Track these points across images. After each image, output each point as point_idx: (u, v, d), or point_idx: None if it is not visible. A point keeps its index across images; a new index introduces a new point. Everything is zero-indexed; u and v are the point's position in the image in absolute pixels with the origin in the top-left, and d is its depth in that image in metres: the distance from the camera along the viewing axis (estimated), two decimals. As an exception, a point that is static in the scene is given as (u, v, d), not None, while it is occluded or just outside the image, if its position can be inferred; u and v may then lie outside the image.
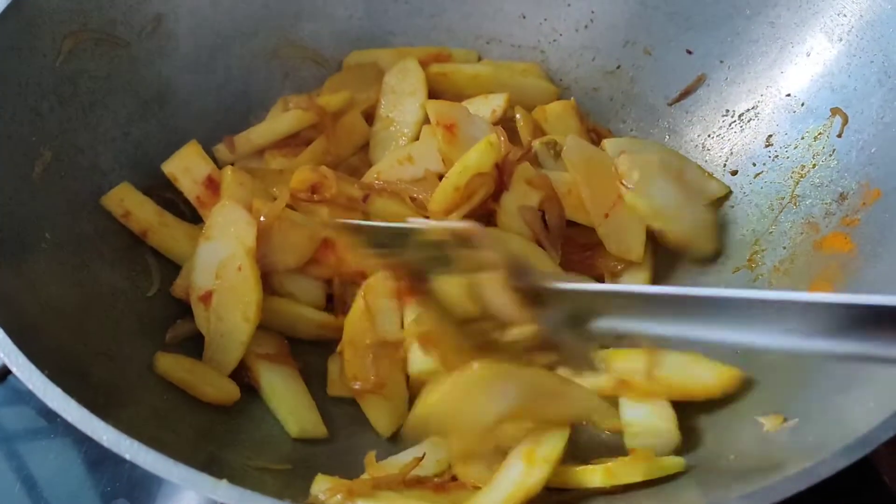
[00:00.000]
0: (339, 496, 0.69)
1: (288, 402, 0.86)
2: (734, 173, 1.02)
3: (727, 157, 1.03)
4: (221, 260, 0.87)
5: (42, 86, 0.88)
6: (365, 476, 0.78)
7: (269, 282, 0.90)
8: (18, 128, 0.84)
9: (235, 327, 0.85)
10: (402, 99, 1.08)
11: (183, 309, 0.91)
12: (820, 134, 0.94)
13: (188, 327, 0.90)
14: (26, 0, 0.86)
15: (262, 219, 0.90)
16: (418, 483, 0.76)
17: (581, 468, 0.75)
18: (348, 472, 0.78)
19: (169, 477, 0.55)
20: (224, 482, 0.55)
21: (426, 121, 1.04)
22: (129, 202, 0.93)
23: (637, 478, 0.73)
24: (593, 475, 0.74)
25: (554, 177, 0.97)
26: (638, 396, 0.84)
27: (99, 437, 0.56)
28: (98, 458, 0.94)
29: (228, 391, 0.86)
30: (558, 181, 0.96)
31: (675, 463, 0.76)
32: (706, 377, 0.83)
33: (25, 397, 1.01)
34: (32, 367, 0.59)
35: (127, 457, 0.55)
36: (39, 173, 0.85)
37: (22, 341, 0.62)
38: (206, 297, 0.87)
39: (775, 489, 0.60)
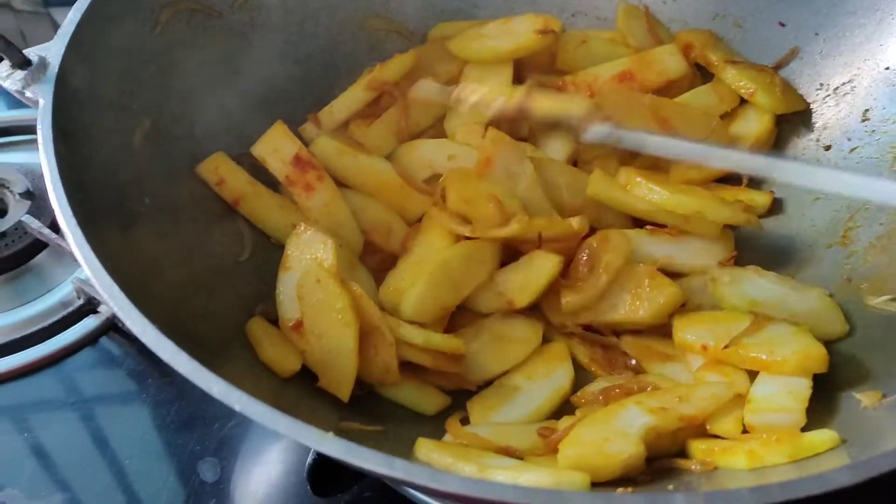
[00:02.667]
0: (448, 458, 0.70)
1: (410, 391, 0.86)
2: (827, 148, 0.99)
3: (821, 132, 1.00)
4: (297, 282, 0.85)
5: (142, 54, 0.90)
6: (448, 438, 0.80)
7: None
8: (121, 95, 0.87)
9: (338, 337, 0.81)
10: (486, 76, 1.06)
11: (275, 278, 0.91)
12: (921, 108, 0.91)
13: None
14: (126, -29, 0.88)
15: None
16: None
17: (721, 448, 0.73)
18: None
19: (276, 428, 0.56)
20: (331, 434, 0.56)
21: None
22: (223, 170, 0.95)
23: (783, 459, 0.69)
24: (736, 458, 0.71)
25: None
26: (710, 366, 0.84)
27: (209, 388, 0.58)
28: (187, 419, 0.97)
29: (285, 361, 0.83)
30: None
31: (827, 439, 0.70)
32: (786, 354, 0.79)
33: (117, 360, 1.04)
34: (146, 320, 0.61)
35: (237, 408, 0.57)
36: (139, 140, 0.88)
37: (132, 297, 0.64)
38: (298, 325, 0.85)
39: (877, 462, 0.58)
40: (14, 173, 1.18)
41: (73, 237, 0.66)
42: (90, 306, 1.07)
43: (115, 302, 0.62)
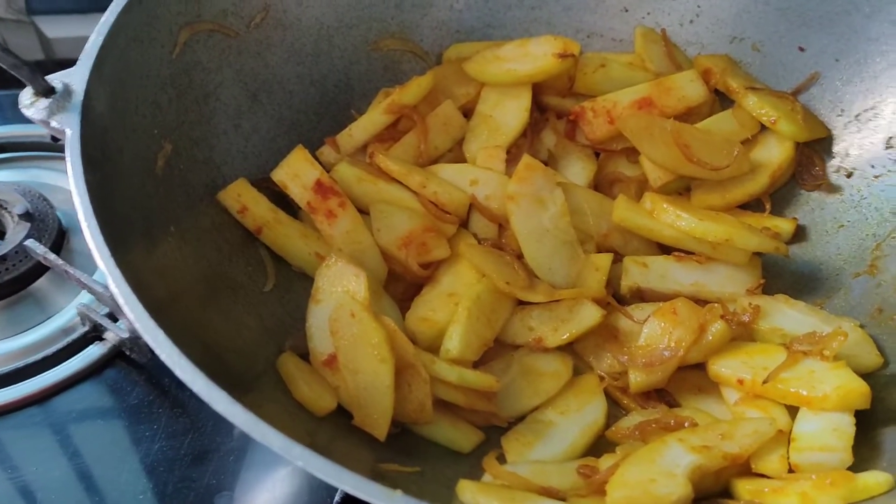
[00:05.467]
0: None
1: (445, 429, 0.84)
2: (849, 175, 0.99)
3: (843, 159, 1.00)
4: (330, 316, 0.82)
5: (161, 77, 0.87)
6: (488, 478, 0.77)
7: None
8: (142, 120, 0.84)
9: (374, 373, 0.78)
10: (505, 100, 1.05)
11: (300, 309, 0.89)
12: (946, 137, 0.92)
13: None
14: (148, -10, 0.85)
15: None
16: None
17: (771, 490, 0.72)
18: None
19: (339, 484, 0.54)
20: (399, 492, 0.54)
21: (527, 124, 1.03)
22: (245, 198, 0.92)
23: (837, 503, 0.68)
24: (788, 500, 0.69)
25: None
26: (748, 400, 0.83)
27: (269, 442, 0.55)
28: (201, 452, 0.94)
29: (320, 400, 0.80)
30: None
31: (882, 481, 0.69)
32: (827, 390, 0.78)
33: (124, 391, 1.00)
34: (197, 370, 0.58)
35: (299, 463, 0.54)
36: (161, 166, 0.85)
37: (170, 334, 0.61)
38: (331, 361, 0.82)
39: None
40: (12, 193, 1.12)
41: (108, 270, 0.63)
42: (95, 333, 1.03)
43: (159, 348, 0.59)
